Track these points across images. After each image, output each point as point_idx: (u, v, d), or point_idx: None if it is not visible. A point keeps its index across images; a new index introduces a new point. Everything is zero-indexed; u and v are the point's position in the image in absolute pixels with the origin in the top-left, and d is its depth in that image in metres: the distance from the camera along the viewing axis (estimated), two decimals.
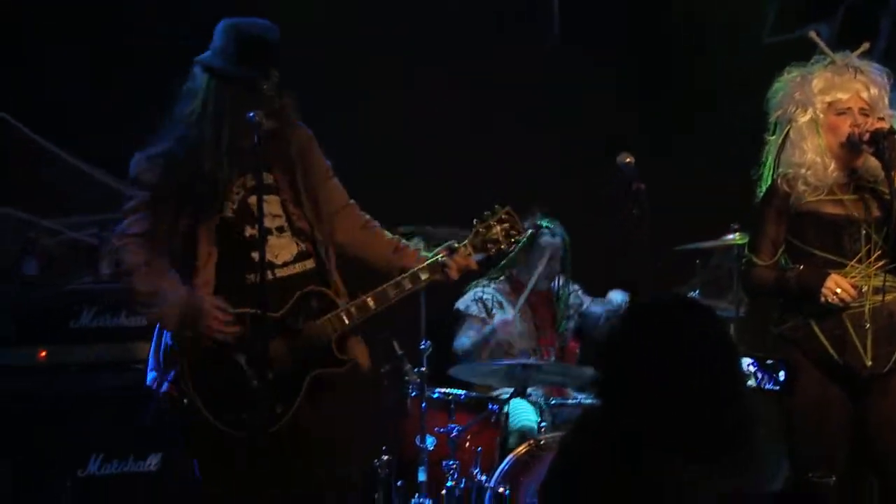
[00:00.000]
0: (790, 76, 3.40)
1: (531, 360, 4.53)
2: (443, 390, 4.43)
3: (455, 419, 4.29)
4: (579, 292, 5.01)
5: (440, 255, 3.08)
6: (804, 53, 5.34)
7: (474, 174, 4.95)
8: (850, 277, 3.24)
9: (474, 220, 3.14)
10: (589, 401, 4.39)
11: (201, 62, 2.97)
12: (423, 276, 3.05)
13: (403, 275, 3.06)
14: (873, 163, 3.25)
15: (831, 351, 3.27)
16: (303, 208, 3.04)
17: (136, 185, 2.99)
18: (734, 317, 4.45)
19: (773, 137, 3.42)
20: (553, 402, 4.55)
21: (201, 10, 3.35)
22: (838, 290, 3.18)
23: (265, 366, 2.82)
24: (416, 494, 4.20)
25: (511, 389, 4.47)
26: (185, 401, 2.91)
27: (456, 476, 4.16)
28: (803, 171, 3.29)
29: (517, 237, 3.12)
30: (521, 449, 4.25)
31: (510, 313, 4.76)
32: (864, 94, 3.29)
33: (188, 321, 2.90)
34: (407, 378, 4.32)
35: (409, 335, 4.32)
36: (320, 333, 2.99)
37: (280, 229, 3.03)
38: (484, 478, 4.20)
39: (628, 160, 3.21)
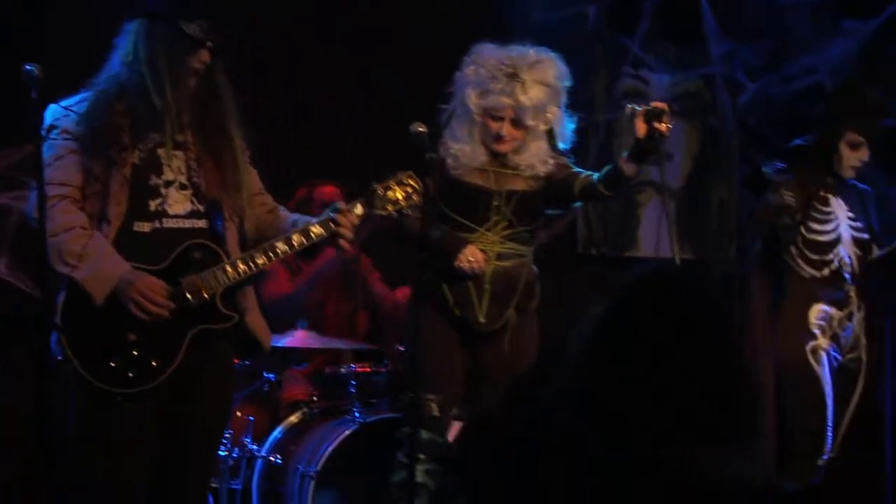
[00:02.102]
0: (466, 71, 3.61)
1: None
2: None
3: None
4: None
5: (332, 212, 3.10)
6: (574, 29, 5.50)
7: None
8: (478, 243, 3.59)
9: (373, 182, 3.19)
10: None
11: (131, 13, 2.99)
12: (314, 231, 3.02)
13: (295, 229, 3.05)
14: (530, 151, 3.59)
15: (452, 304, 3.61)
16: (208, 172, 3.02)
17: (56, 132, 2.93)
18: None
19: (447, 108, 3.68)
20: (327, 371, 4.58)
21: None
22: (471, 259, 3.54)
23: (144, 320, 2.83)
24: None
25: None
26: (60, 358, 2.84)
27: (228, 445, 4.16)
28: (453, 150, 3.62)
29: (417, 200, 3.17)
30: (293, 418, 4.33)
31: None
32: (517, 106, 3.53)
33: (119, 295, 2.85)
34: None
35: None
36: (202, 287, 2.92)
37: (182, 186, 3.00)
38: (255, 447, 4.24)
39: (420, 129, 3.29)
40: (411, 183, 3.15)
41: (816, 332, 4.09)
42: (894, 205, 4.29)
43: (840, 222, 4.15)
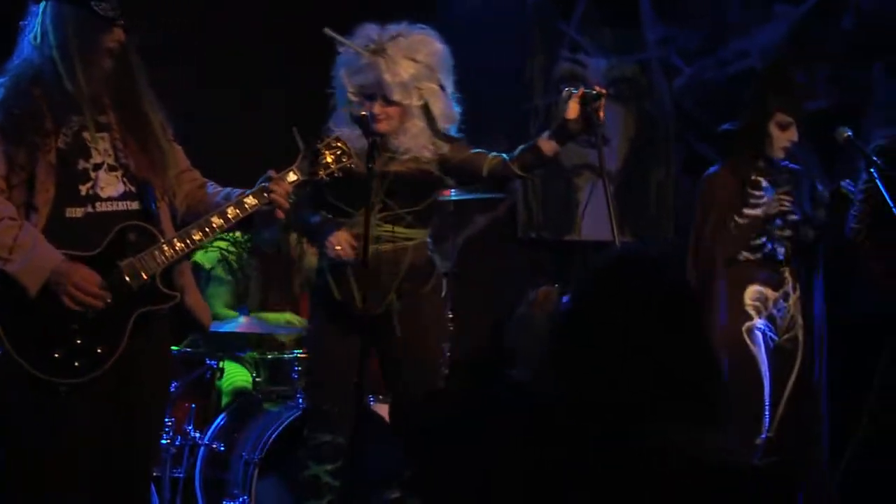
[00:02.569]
0: (340, 56, 3.62)
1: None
2: None
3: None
4: None
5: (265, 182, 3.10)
6: (512, 13, 5.54)
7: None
8: (354, 228, 3.54)
9: (301, 148, 3.20)
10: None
11: None
12: (248, 202, 3.00)
13: (229, 202, 3.02)
14: (408, 133, 3.57)
15: (333, 288, 3.62)
16: (134, 152, 2.99)
17: None
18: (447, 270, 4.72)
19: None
20: (270, 357, 4.59)
21: None
22: (337, 246, 3.53)
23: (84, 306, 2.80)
24: None
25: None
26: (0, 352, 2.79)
27: (171, 433, 4.15)
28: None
29: (347, 163, 3.17)
30: (236, 405, 4.35)
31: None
32: (384, 82, 3.50)
33: (52, 288, 2.80)
34: None
35: None
36: (141, 269, 2.89)
37: (111, 167, 2.97)
38: (198, 434, 4.23)
39: (363, 113, 3.37)
40: (340, 146, 3.16)
41: (752, 312, 4.15)
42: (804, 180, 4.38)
43: (772, 205, 4.21)
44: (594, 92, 3.43)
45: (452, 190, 4.58)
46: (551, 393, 1.76)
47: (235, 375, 4.55)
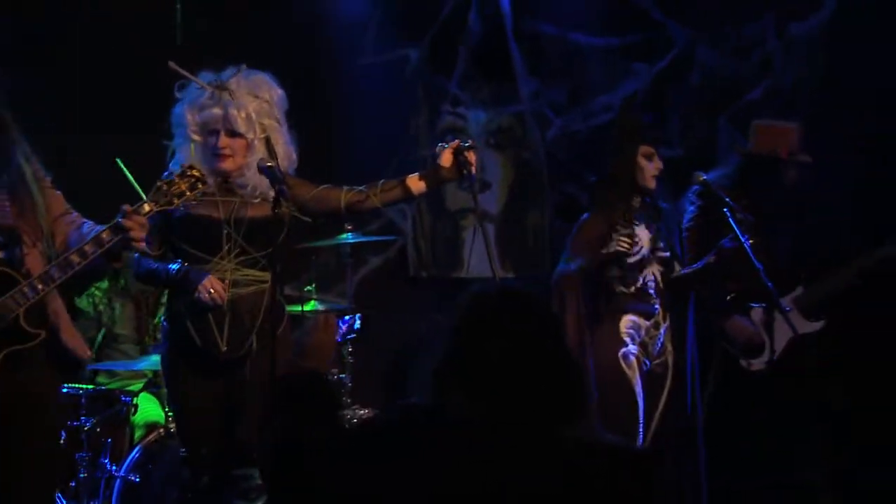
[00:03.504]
0: (187, 92, 3.62)
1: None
2: (73, 385, 4.44)
3: (86, 412, 4.36)
4: None
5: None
6: (398, 71, 5.73)
7: None
8: (214, 272, 3.55)
9: (157, 181, 3.24)
10: None
11: None
12: (104, 237, 3.03)
13: (86, 240, 3.06)
14: (252, 170, 3.55)
15: (195, 337, 3.56)
16: (3, 203, 3.08)
17: None
18: (342, 307, 4.96)
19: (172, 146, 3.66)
20: None
21: None
22: (211, 290, 3.49)
23: None
24: None
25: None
26: None
27: (88, 467, 4.23)
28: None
29: (203, 188, 3.21)
30: (151, 438, 4.40)
31: (117, 308, 4.94)
32: (229, 116, 3.52)
33: None
34: None
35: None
36: (2, 310, 2.99)
37: None
38: (114, 467, 4.29)
39: (270, 163, 3.46)
40: (194, 174, 3.20)
41: (627, 339, 4.44)
42: (671, 217, 4.68)
43: (643, 244, 4.49)
44: (467, 144, 3.61)
45: (349, 233, 4.78)
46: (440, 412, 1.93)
47: (149, 410, 4.60)
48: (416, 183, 3.66)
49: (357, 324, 4.83)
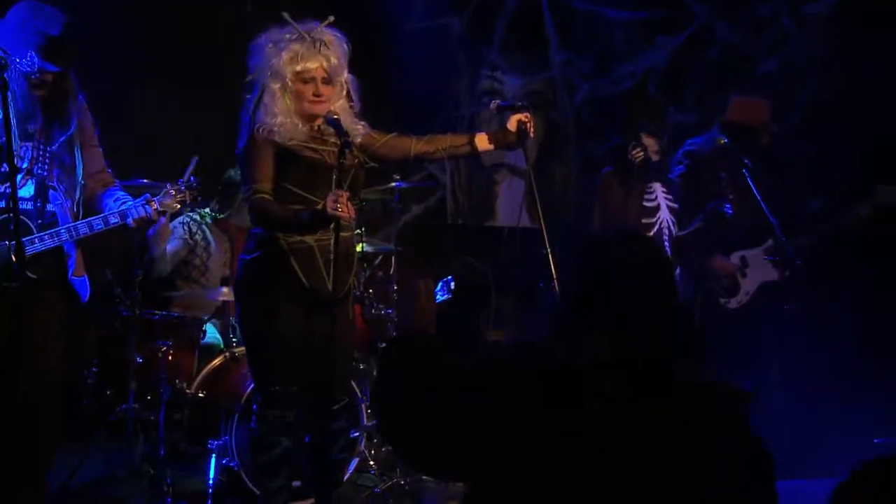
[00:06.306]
0: (267, 47, 3.60)
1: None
2: (151, 311, 4.67)
3: (162, 336, 4.59)
4: None
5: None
6: (441, 38, 5.95)
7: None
8: None
9: (167, 184, 3.51)
10: None
11: None
12: (120, 220, 3.35)
13: (111, 211, 3.33)
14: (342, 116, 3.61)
15: (301, 276, 3.59)
16: (50, 158, 3.27)
17: None
18: (391, 249, 5.19)
19: (250, 96, 3.65)
20: None
21: None
22: (339, 204, 3.39)
23: None
24: (123, 404, 4.48)
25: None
26: None
27: (163, 385, 4.44)
28: (275, 127, 3.54)
29: (192, 203, 3.51)
30: (217, 361, 4.61)
31: (211, 240, 5.18)
32: (326, 65, 3.58)
33: None
34: (118, 301, 4.61)
35: (123, 264, 4.65)
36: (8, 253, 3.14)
37: (29, 172, 3.26)
38: (185, 385, 4.51)
39: (336, 116, 3.52)
40: (193, 194, 3.54)
41: None
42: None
43: (658, 195, 4.85)
44: (526, 117, 3.76)
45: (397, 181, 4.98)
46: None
47: (210, 335, 4.82)
48: (483, 143, 3.75)
49: (452, 285, 5.06)
